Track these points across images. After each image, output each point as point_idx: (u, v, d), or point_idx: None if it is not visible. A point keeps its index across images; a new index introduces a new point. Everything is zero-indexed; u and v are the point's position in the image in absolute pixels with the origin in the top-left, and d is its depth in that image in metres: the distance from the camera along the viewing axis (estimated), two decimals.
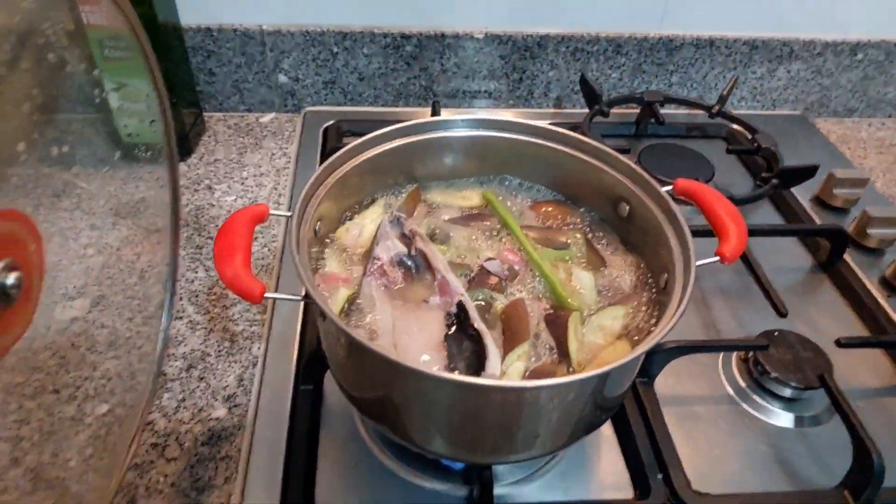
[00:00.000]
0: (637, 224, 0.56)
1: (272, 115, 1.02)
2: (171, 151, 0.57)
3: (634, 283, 0.56)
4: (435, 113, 0.94)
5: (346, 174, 0.55)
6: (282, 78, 0.98)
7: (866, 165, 1.02)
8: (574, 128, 0.98)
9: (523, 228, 0.59)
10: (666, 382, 0.63)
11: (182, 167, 0.89)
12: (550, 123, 0.98)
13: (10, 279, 0.33)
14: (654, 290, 0.54)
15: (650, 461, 0.56)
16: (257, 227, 0.66)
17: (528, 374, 0.47)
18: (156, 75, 0.51)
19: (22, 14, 0.39)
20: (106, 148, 0.58)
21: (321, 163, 0.89)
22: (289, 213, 0.48)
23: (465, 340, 0.48)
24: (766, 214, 0.89)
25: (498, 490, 0.52)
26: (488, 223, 0.61)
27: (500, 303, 0.53)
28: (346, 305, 0.51)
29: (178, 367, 0.63)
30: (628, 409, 0.59)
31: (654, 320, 0.51)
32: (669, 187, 0.55)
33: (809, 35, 1.03)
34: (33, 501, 0.46)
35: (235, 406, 0.60)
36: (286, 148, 0.94)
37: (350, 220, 0.58)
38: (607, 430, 0.60)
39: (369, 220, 0.58)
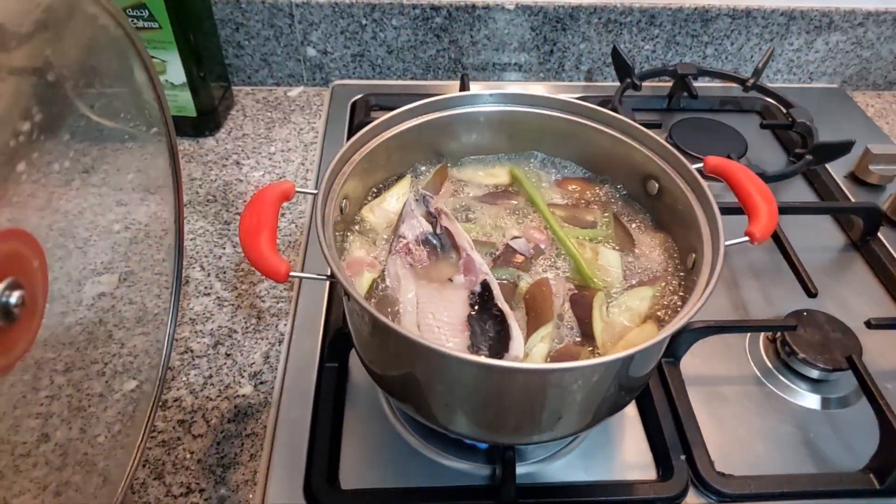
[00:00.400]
0: (666, 202, 0.55)
1: (300, 88, 1.01)
2: (169, 135, 0.56)
3: (663, 263, 0.55)
4: (464, 86, 0.93)
5: (373, 151, 0.55)
6: (310, 51, 0.98)
7: None
8: (605, 101, 0.97)
9: (550, 206, 0.59)
10: (692, 362, 0.63)
11: (210, 142, 0.90)
12: (581, 97, 0.98)
13: (14, 298, 0.33)
14: (681, 271, 0.53)
15: (673, 442, 0.56)
16: (284, 204, 0.67)
17: (551, 355, 0.47)
18: (148, 65, 0.50)
19: None
20: (135, 123, 0.59)
21: (348, 138, 0.90)
22: (314, 191, 0.48)
23: (488, 320, 0.48)
24: (800, 191, 0.87)
25: (521, 469, 0.53)
26: (515, 201, 0.60)
27: (526, 282, 0.53)
28: (372, 288, 0.51)
29: (205, 344, 0.64)
30: (653, 389, 0.59)
31: (681, 302, 0.51)
32: (700, 164, 0.54)
33: (850, 4, 0.99)
34: (62, 477, 0.48)
35: (262, 383, 0.61)
36: (314, 122, 0.94)
37: (376, 196, 0.58)
38: (631, 410, 0.60)
39: (395, 198, 0.58)
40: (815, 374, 0.61)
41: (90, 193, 0.53)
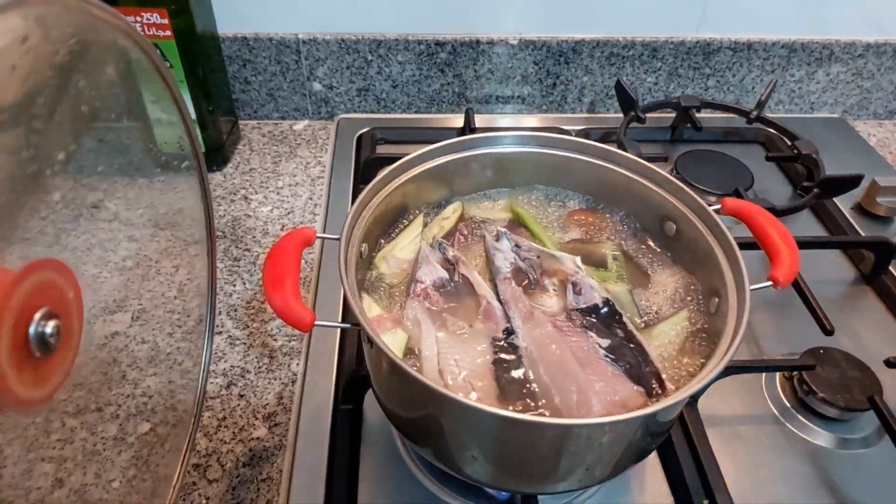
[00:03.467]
0: (685, 244, 0.55)
1: (306, 122, 1.02)
2: (200, 171, 0.56)
3: (682, 300, 0.55)
4: (468, 119, 0.93)
5: (389, 194, 0.55)
6: (316, 86, 0.98)
7: None
8: (609, 134, 0.97)
9: (563, 242, 0.59)
10: (710, 402, 0.62)
11: (218, 177, 0.90)
12: (584, 129, 0.99)
13: (49, 327, 0.33)
14: (702, 308, 0.53)
15: (695, 485, 0.55)
16: None
17: None
18: (176, 96, 0.50)
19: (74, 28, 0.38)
20: (144, 159, 0.58)
21: (356, 172, 0.90)
22: (337, 237, 0.48)
23: (512, 367, 0.48)
24: (807, 223, 0.87)
25: None
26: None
27: None
28: (407, 347, 0.50)
29: (218, 385, 0.63)
30: (672, 432, 0.59)
31: (704, 342, 0.50)
32: (717, 206, 0.54)
33: (850, 37, 1.00)
34: None
35: (276, 425, 0.60)
36: (320, 156, 0.94)
37: (388, 242, 0.58)
38: (651, 453, 0.59)
39: (408, 242, 0.57)
40: (834, 413, 0.61)
41: (100, 229, 0.53)
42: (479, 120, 0.99)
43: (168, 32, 0.77)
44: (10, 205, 0.36)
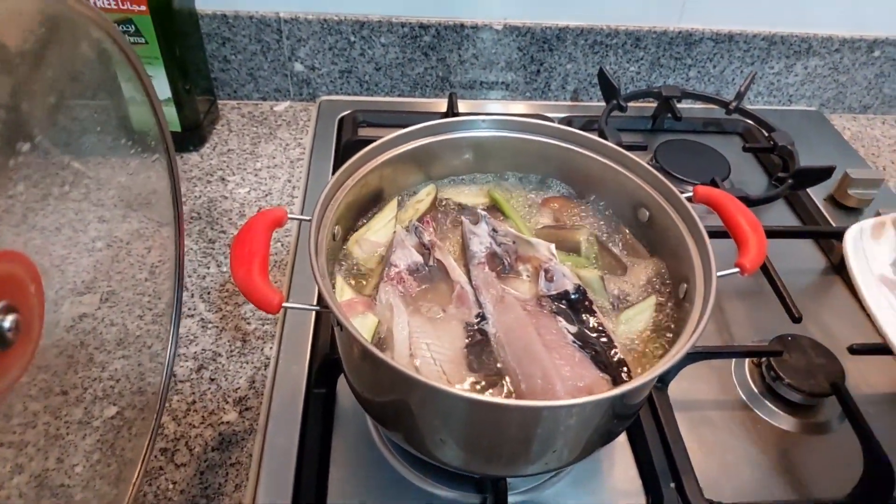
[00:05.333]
0: (657, 230, 0.56)
1: (287, 103, 1.01)
2: (168, 153, 0.55)
3: (653, 286, 0.55)
4: (452, 105, 0.93)
5: (365, 175, 0.55)
6: (297, 66, 0.97)
7: (879, 163, 1.01)
8: (591, 121, 0.97)
9: (538, 228, 0.59)
10: (680, 387, 0.63)
11: (195, 157, 0.88)
12: (567, 116, 0.99)
13: (7, 322, 0.33)
14: (672, 299, 0.53)
15: (663, 469, 0.56)
16: None
17: None
18: (142, 76, 0.49)
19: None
20: (117, 138, 0.57)
21: (336, 155, 0.89)
22: (307, 218, 0.48)
23: (484, 352, 0.48)
24: (781, 214, 0.88)
25: (511, 498, 0.52)
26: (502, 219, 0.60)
27: None
28: (376, 332, 0.50)
29: (188, 368, 0.63)
30: (642, 416, 0.59)
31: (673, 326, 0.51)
32: (689, 194, 0.54)
33: (828, 31, 1.01)
34: None
35: (247, 409, 0.60)
36: (300, 138, 0.94)
37: (362, 225, 0.58)
38: (621, 436, 0.60)
39: (382, 226, 0.57)
40: (800, 398, 0.62)
41: (69, 209, 0.52)
42: (463, 105, 0.99)
43: (143, 7, 0.75)
44: None
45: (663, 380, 0.62)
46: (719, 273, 0.47)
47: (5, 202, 0.39)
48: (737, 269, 0.48)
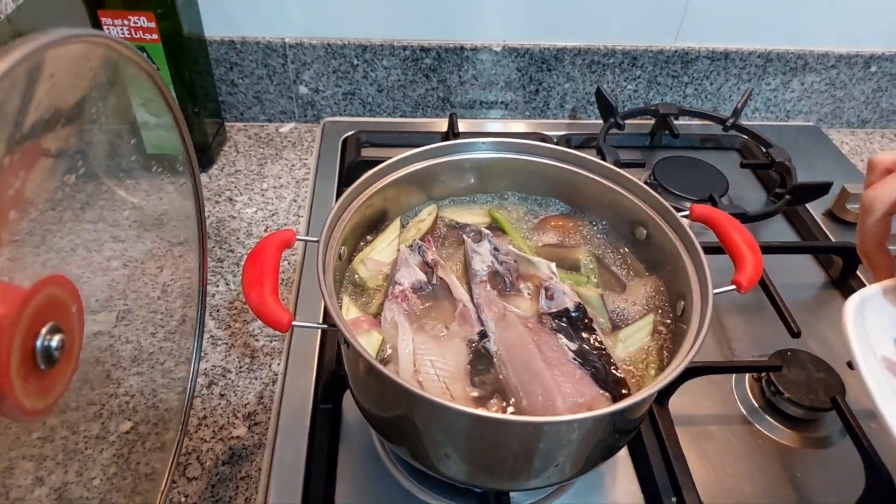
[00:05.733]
0: (654, 248, 0.57)
1: (292, 125, 1.03)
2: (194, 175, 0.57)
3: (650, 305, 0.56)
4: (452, 124, 0.95)
5: (369, 197, 0.57)
6: (302, 89, 0.99)
7: None
8: (590, 139, 0.99)
9: (538, 246, 0.61)
10: (680, 402, 0.64)
11: (203, 178, 0.90)
12: (566, 135, 1.01)
13: (55, 342, 0.34)
14: (670, 316, 0.55)
15: (664, 483, 0.57)
16: None
17: None
18: (169, 100, 0.51)
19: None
20: (131, 160, 0.59)
21: (340, 175, 0.91)
22: (315, 239, 0.49)
23: (487, 368, 0.49)
24: (780, 229, 0.89)
25: None
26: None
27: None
28: (381, 349, 0.51)
29: (199, 384, 0.64)
30: (643, 430, 0.60)
31: (670, 344, 0.52)
32: (686, 212, 0.56)
33: (823, 48, 1.03)
34: None
35: (256, 424, 0.61)
36: (305, 159, 0.96)
37: (366, 245, 0.59)
38: (622, 451, 0.61)
39: (385, 245, 0.59)
40: (800, 413, 0.63)
41: (84, 229, 0.53)
42: (464, 125, 1.01)
43: (155, 36, 0.78)
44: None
45: (664, 395, 0.63)
46: (716, 290, 0.48)
47: (28, 221, 0.41)
48: (733, 287, 0.50)
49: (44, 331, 0.34)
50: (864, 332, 0.51)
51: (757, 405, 0.65)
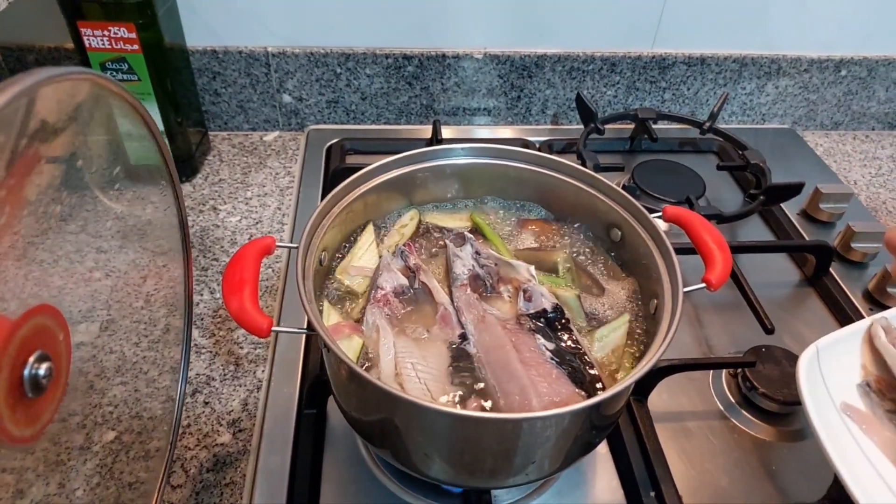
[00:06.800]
0: (629, 249, 0.58)
1: (276, 133, 1.04)
2: (174, 185, 0.58)
3: (628, 304, 0.58)
4: (436, 132, 0.96)
5: (351, 203, 0.58)
6: (286, 98, 1.00)
7: (851, 178, 1.05)
8: (571, 144, 1.01)
9: (518, 250, 0.62)
10: (659, 398, 0.66)
11: (187, 187, 0.91)
12: (548, 140, 1.02)
13: (42, 370, 0.35)
14: (644, 316, 0.56)
15: (643, 478, 0.58)
16: None
17: None
18: (146, 118, 0.52)
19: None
20: (115, 171, 0.60)
21: (324, 183, 0.92)
22: (295, 246, 0.50)
23: (467, 370, 0.50)
24: (756, 229, 0.91)
25: None
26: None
27: None
28: (361, 352, 0.52)
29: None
30: (622, 427, 0.62)
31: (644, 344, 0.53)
32: (659, 213, 0.57)
33: (796, 52, 1.05)
34: None
35: (240, 431, 0.62)
36: (290, 167, 0.96)
37: (348, 251, 0.60)
38: (602, 448, 0.62)
39: (363, 250, 0.60)
40: (773, 407, 0.64)
41: (67, 242, 0.54)
42: (447, 131, 1.02)
43: (136, 46, 0.79)
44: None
45: (643, 392, 0.64)
46: (686, 289, 0.49)
47: (11, 234, 0.41)
48: (703, 285, 0.51)
49: (31, 359, 0.35)
50: (823, 383, 0.51)
51: (733, 400, 0.67)
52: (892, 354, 0.55)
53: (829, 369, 0.53)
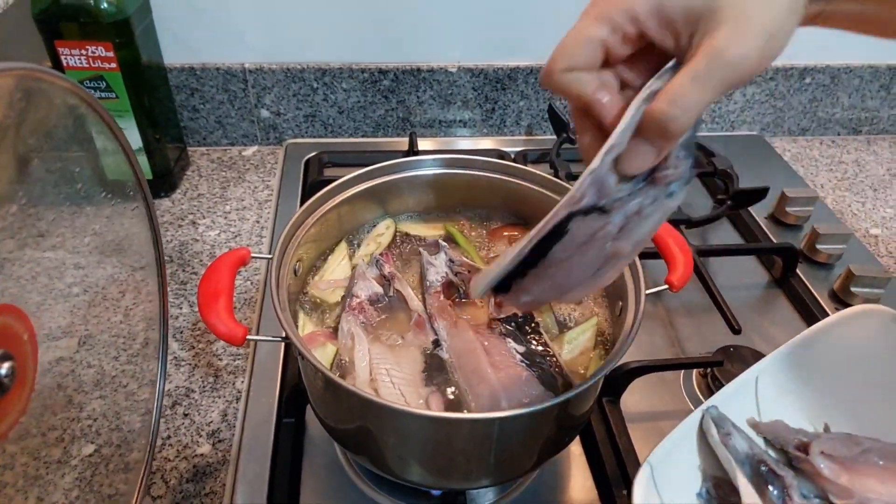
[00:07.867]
0: None
1: (255, 148, 1.05)
2: (146, 200, 0.59)
3: (594, 309, 0.59)
4: (412, 143, 0.98)
5: (325, 214, 0.59)
6: (264, 113, 1.02)
7: (818, 181, 1.08)
8: (545, 154, 1.03)
9: (490, 257, 0.64)
10: (632, 398, 0.67)
11: (166, 203, 0.92)
12: (522, 150, 1.04)
13: (4, 369, 0.36)
14: (611, 318, 0.58)
15: (616, 477, 0.59)
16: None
17: None
18: (116, 133, 0.53)
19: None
20: (91, 187, 0.60)
21: (303, 195, 0.93)
22: (269, 256, 0.52)
23: (440, 375, 0.52)
24: (725, 232, 0.94)
25: None
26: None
27: None
28: (335, 359, 0.54)
29: (163, 405, 0.65)
30: (595, 427, 0.63)
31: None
32: None
33: None
34: None
35: (220, 441, 0.62)
36: (268, 181, 0.98)
37: (321, 264, 0.62)
38: (576, 448, 0.63)
39: (336, 264, 0.61)
40: None
41: (45, 257, 0.55)
42: (424, 143, 1.04)
43: (114, 65, 0.80)
44: None
45: (615, 392, 0.66)
46: (648, 291, 0.51)
47: (7, 255, 0.42)
48: (666, 286, 0.53)
49: None
50: (659, 499, 0.48)
51: (703, 400, 0.68)
52: (726, 456, 0.52)
53: (666, 484, 0.49)
